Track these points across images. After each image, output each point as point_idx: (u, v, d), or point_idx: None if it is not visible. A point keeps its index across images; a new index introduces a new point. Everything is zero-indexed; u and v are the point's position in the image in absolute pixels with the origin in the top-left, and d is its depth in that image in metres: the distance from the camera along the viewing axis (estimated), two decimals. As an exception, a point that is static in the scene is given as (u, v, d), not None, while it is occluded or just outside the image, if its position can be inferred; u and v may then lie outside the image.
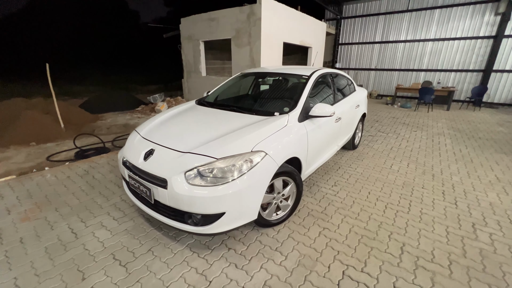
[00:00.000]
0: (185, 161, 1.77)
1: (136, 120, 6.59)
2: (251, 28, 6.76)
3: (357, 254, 1.93)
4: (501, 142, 4.86)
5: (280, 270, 1.77)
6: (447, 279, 1.71)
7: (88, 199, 2.65)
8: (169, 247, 1.98)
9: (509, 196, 2.82)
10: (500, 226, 2.29)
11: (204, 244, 2.02)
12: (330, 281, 1.68)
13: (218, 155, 1.75)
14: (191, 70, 8.86)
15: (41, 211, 2.43)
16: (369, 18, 11.00)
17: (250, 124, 2.12)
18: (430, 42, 9.86)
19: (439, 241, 2.09)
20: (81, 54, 21.08)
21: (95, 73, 18.67)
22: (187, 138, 2.03)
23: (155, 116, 2.63)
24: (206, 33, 7.90)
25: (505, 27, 8.32)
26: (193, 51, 8.50)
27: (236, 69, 7.48)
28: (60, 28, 21.69)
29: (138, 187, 1.95)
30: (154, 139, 2.09)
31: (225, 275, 1.72)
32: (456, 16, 9.19)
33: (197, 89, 8.83)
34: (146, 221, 2.30)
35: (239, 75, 3.41)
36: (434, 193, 2.87)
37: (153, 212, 1.92)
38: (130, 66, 17.34)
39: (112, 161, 3.69)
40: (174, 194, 1.69)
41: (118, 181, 3.05)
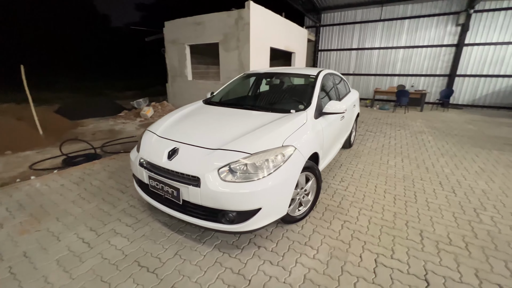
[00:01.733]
0: (217, 158, 1.72)
1: (121, 126, 6.26)
2: (239, 32, 6.81)
3: (383, 243, 2.00)
4: (474, 138, 5.36)
5: (316, 263, 1.78)
6: (469, 259, 1.84)
7: (92, 207, 2.45)
8: (196, 250, 1.89)
9: (495, 183, 3.11)
10: (497, 210, 2.52)
11: (232, 244, 1.96)
12: (366, 270, 1.72)
13: (251, 150, 1.73)
14: (176, 75, 8.66)
15: (39, 222, 2.19)
16: (346, 26, 11.65)
17: (272, 121, 2.13)
18: (402, 49, 10.69)
19: (451, 226, 2.24)
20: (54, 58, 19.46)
21: (70, 78, 17.40)
22: (212, 135, 1.98)
23: (167, 116, 2.53)
24: (192, 37, 7.81)
25: (465, 37, 9.30)
26: (178, 55, 8.33)
27: (224, 73, 7.47)
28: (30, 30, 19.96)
29: (162, 188, 1.85)
30: (175, 138, 2.00)
31: (263, 272, 1.69)
32: (423, 26, 10.09)
33: (183, 93, 8.64)
34: (163, 225, 2.18)
35: (243, 76, 3.42)
36: (433, 184, 3.08)
37: (180, 213, 1.82)
38: (109, 70, 16.25)
39: (108, 167, 3.45)
40: (209, 192, 1.63)
41: (120, 187, 2.86)
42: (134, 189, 2.80)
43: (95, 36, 18.73)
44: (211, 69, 10.97)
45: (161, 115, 7.39)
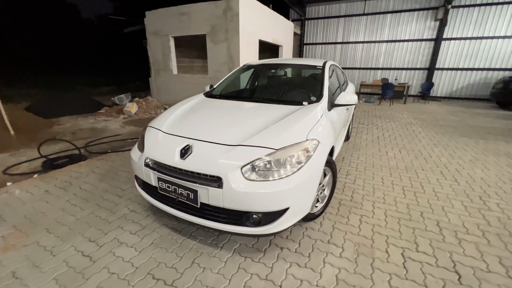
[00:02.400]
0: (239, 155, 1.56)
1: (103, 124, 5.81)
2: (228, 24, 6.55)
3: (405, 236, 1.96)
4: (458, 128, 5.61)
5: (344, 262, 1.69)
6: (489, 247, 1.85)
7: (87, 214, 2.19)
8: (214, 256, 1.73)
9: (491, 171, 3.24)
10: (499, 196, 2.60)
11: (252, 247, 1.83)
12: (396, 265, 1.67)
13: (276, 145, 1.58)
14: (159, 68, 8.21)
15: (27, 235, 1.91)
16: (330, 20, 11.71)
17: (289, 114, 2.00)
18: (384, 43, 10.95)
19: (463, 214, 2.27)
20: (22, 52, 17.44)
21: (40, 73, 15.87)
22: (227, 130, 1.81)
23: (168, 111, 2.31)
24: (177, 28, 7.41)
25: (443, 31, 9.71)
26: (161, 47, 7.88)
27: (213, 66, 7.19)
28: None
29: (175, 191, 1.66)
30: (185, 134, 1.80)
31: (292, 276, 1.57)
32: (404, 21, 10.39)
33: (168, 88, 8.23)
34: (172, 231, 1.99)
35: (243, 68, 3.24)
36: (435, 174, 3.13)
37: (196, 218, 1.65)
38: (84, 64, 14.77)
39: (97, 168, 3.14)
40: (233, 193, 1.47)
41: (115, 191, 2.59)
42: (132, 192, 2.56)
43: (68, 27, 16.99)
44: (195, 63, 10.57)
45: (146, 111, 6.99)
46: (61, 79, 15.74)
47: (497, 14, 9.06)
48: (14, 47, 18.28)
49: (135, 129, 5.37)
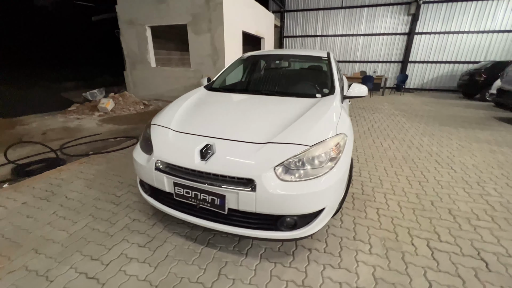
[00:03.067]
0: (270, 154, 1.41)
1: (76, 122, 5.24)
2: (211, 13, 6.21)
3: (424, 227, 1.98)
4: (437, 118, 5.95)
5: (376, 259, 1.64)
6: (502, 232, 1.93)
7: (81, 227, 1.90)
8: (241, 265, 1.58)
9: (478, 158, 3.44)
10: (494, 182, 2.75)
11: (279, 251, 1.71)
12: (426, 258, 1.66)
13: (309, 141, 1.46)
14: (135, 61, 7.61)
15: (10, 259, 1.59)
16: (310, 12, 11.74)
17: (307, 107, 1.88)
18: (362, 37, 11.28)
19: (469, 201, 2.35)
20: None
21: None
22: (248, 127, 1.65)
23: (171, 107, 2.06)
24: (154, 17, 6.88)
25: (415, 26, 10.22)
26: (137, 38, 7.29)
27: (195, 58, 6.82)
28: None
29: (196, 197, 1.47)
30: (202, 132, 1.61)
31: (329, 279, 1.48)
32: (380, 15, 10.75)
33: (146, 82, 7.69)
34: (187, 239, 1.79)
35: (242, 59, 3.04)
36: (431, 163, 3.25)
37: (223, 225, 1.48)
38: (45, 57, 12.90)
39: (81, 173, 2.78)
40: (268, 196, 1.33)
41: (109, 198, 2.30)
42: (130, 199, 2.29)
43: (25, 14, 14.64)
44: (173, 55, 10.00)
45: (123, 107, 6.45)
46: (19, 73, 13.98)
47: (462, 10, 9.73)
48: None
49: (115, 127, 4.91)
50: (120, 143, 3.91)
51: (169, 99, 7.47)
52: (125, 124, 5.17)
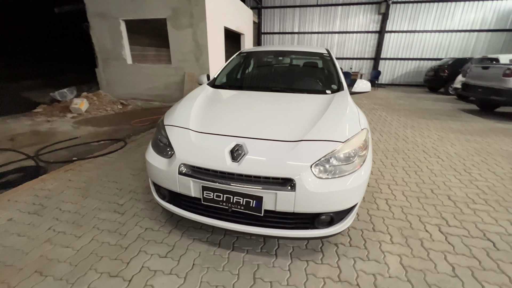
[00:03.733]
0: (306, 152, 1.38)
1: (47, 125, 4.74)
2: (192, 7, 5.97)
3: (431, 214, 2.10)
4: (412, 111, 6.40)
5: (399, 248, 1.71)
6: (497, 213, 2.12)
7: (88, 242, 1.71)
8: (274, 266, 1.54)
9: (457, 146, 3.76)
10: (476, 168, 3.03)
11: (307, 248, 1.70)
12: (442, 242, 1.77)
13: (342, 137, 1.46)
14: (109, 57, 7.07)
15: (9, 285, 1.38)
16: (286, 9, 11.85)
17: (325, 103, 1.89)
18: (337, 34, 11.68)
19: (462, 187, 2.56)
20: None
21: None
22: (275, 124, 1.61)
23: (183, 106, 1.93)
24: (129, 10, 6.43)
25: (386, 24, 10.84)
26: (109, 32, 6.77)
27: (176, 55, 6.52)
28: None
29: (228, 200, 1.40)
30: (229, 132, 1.52)
31: (363, 272, 1.51)
32: (353, 13, 11.21)
33: (122, 80, 7.19)
34: (210, 245, 1.71)
35: (241, 55, 2.95)
36: (419, 153, 3.48)
37: (257, 228, 1.43)
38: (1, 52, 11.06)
39: (70, 182, 2.52)
40: (308, 195, 1.30)
41: (111, 207, 2.11)
42: (135, 206, 2.12)
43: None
44: (148, 51, 9.47)
45: (99, 108, 5.97)
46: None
47: (425, 11, 10.52)
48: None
49: (94, 129, 4.52)
50: (106, 146, 3.60)
51: (149, 98, 7.09)
52: (105, 125, 4.78)
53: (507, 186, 2.59)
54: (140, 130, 4.50)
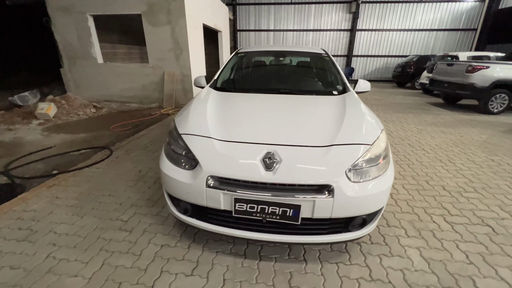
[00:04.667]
0: (339, 157, 1.38)
1: (10, 134, 4.19)
2: (170, 3, 5.67)
3: (433, 205, 2.25)
4: (388, 106, 6.81)
5: (416, 241, 1.80)
6: (486, 199, 2.34)
7: (99, 267, 1.54)
8: (307, 272, 1.53)
9: (437, 138, 4.09)
10: (458, 158, 3.31)
11: (332, 250, 1.71)
12: (451, 232, 1.90)
13: (369, 140, 1.48)
14: (76, 56, 6.45)
15: (17, 330, 1.19)
16: (261, 7, 11.83)
17: (339, 105, 1.91)
18: (311, 32, 11.96)
19: (451, 177, 2.78)
20: None
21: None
22: (302, 129, 1.59)
23: (193, 113, 1.81)
24: (97, 4, 5.90)
25: (356, 23, 11.35)
26: (76, 29, 6.16)
27: (154, 53, 6.16)
28: None
29: (263, 211, 1.34)
30: (257, 140, 1.46)
31: (391, 268, 1.56)
32: (326, 12, 11.56)
33: (93, 81, 6.62)
34: (237, 257, 1.64)
35: (238, 55, 2.86)
36: (406, 147, 3.71)
37: (294, 236, 1.40)
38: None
39: (58, 199, 2.25)
40: (346, 199, 1.30)
41: (115, 225, 1.93)
42: (143, 222, 1.96)
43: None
44: (119, 49, 8.81)
45: (70, 112, 5.43)
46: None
47: (391, 11, 11.22)
48: None
49: (69, 137, 4.09)
50: (89, 156, 3.29)
51: (125, 100, 6.62)
52: (81, 132, 4.36)
53: (487, 173, 2.87)
54: (123, 135, 4.18)
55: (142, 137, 4.01)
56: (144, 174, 2.75)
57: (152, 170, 2.83)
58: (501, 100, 5.73)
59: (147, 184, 2.54)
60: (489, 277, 1.51)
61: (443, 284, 1.46)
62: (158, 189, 2.44)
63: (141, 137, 4.01)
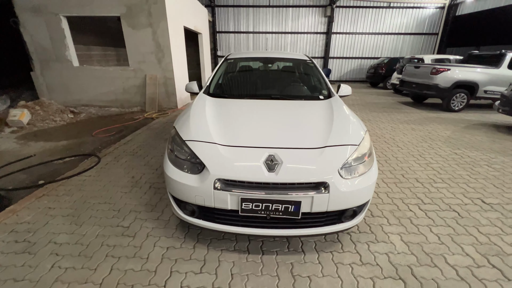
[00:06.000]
0: (332, 156, 1.56)
1: (-18, 144, 3.92)
2: (150, 5, 5.61)
3: (409, 195, 2.54)
4: (365, 105, 7.27)
5: (396, 228, 2.05)
6: (453, 188, 2.67)
7: (107, 273, 1.58)
8: (306, 262, 1.69)
9: (408, 135, 4.49)
10: (427, 152, 3.69)
11: (326, 241, 1.89)
12: (424, 218, 2.17)
13: (356, 141, 1.68)
14: (49, 59, 6.13)
15: (36, 338, 1.22)
16: (240, 9, 11.95)
17: (326, 109, 2.10)
18: (289, 35, 12.31)
19: (422, 170, 3.11)
20: None
21: None
22: (295, 132, 1.75)
23: (194, 119, 1.89)
24: (71, 5, 5.67)
25: (332, 26, 11.88)
26: (48, 30, 5.86)
27: (135, 56, 6.05)
28: None
29: (267, 208, 1.48)
30: (258, 143, 1.60)
31: (378, 253, 1.78)
32: (303, 15, 11.96)
33: (68, 85, 6.34)
34: (241, 253, 1.76)
35: (227, 61, 2.97)
36: (382, 143, 4.05)
37: (294, 230, 1.55)
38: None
39: (50, 209, 2.22)
40: (340, 194, 1.48)
41: (116, 231, 1.96)
42: (145, 226, 2.02)
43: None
44: (94, 51, 8.47)
45: (45, 119, 5.18)
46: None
47: (363, 15, 11.89)
48: None
49: (49, 145, 3.93)
50: (75, 164, 3.21)
51: (104, 104, 6.41)
52: (61, 139, 4.19)
53: (452, 165, 3.25)
54: (108, 141, 4.10)
55: (129, 142, 3.96)
56: (138, 180, 2.77)
57: (145, 176, 2.85)
58: (461, 99, 6.38)
59: (142, 189, 2.57)
60: (457, 254, 1.78)
61: (421, 263, 1.70)
62: (154, 194, 2.48)
63: (127, 142, 3.96)
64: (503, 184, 2.77)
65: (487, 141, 4.23)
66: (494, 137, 4.49)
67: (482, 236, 1.96)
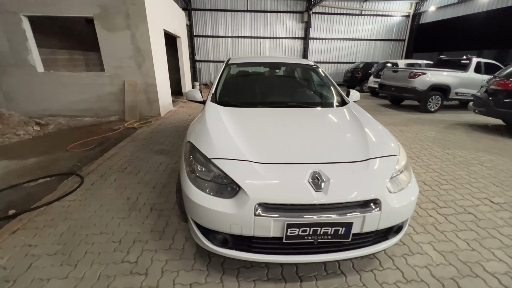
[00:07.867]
0: (377, 170, 1.43)
1: None
2: (128, 7, 5.19)
3: (422, 199, 2.53)
4: (348, 108, 7.45)
5: (425, 236, 1.99)
6: (459, 189, 2.74)
7: (124, 327, 1.28)
8: (350, 285, 1.54)
9: (399, 137, 4.63)
10: (423, 154, 3.80)
11: (362, 259, 1.77)
12: (446, 223, 2.16)
13: (395, 151, 1.58)
14: (7, 64, 5.37)
15: None
16: (218, 13, 11.73)
17: (350, 117, 2.01)
18: (268, 39, 12.36)
19: (426, 172, 3.17)
20: None
21: None
22: (332, 145, 1.61)
23: (213, 134, 1.65)
24: (34, 4, 5.04)
25: (309, 32, 12.16)
26: (5, 32, 5.14)
27: (111, 61, 5.55)
28: None
29: (315, 233, 1.31)
30: (298, 160, 1.42)
31: (418, 267, 1.69)
32: (281, 20, 12.09)
33: (30, 93, 5.62)
34: (277, 282, 1.56)
35: (229, 66, 2.76)
36: (379, 146, 4.11)
37: (341, 253, 1.40)
38: None
39: (31, 248, 1.81)
40: (391, 211, 1.36)
41: (124, 269, 1.64)
42: (158, 259, 1.73)
43: None
44: (59, 55, 7.65)
45: (5, 133, 4.48)
46: None
47: (337, 21, 12.37)
48: None
49: (14, 163, 3.36)
50: (52, 186, 2.74)
51: (75, 114, 5.78)
52: (29, 156, 3.61)
53: (449, 166, 3.36)
54: (87, 156, 3.62)
55: (113, 157, 3.53)
56: (135, 201, 2.42)
57: (142, 196, 2.51)
58: (436, 101, 6.82)
59: (142, 213, 2.24)
60: (491, 260, 1.75)
61: (463, 274, 1.64)
62: (158, 218, 2.17)
63: (112, 157, 3.53)
64: (501, 182, 2.91)
65: (469, 140, 4.50)
66: (473, 136, 4.80)
67: (505, 238, 1.99)
